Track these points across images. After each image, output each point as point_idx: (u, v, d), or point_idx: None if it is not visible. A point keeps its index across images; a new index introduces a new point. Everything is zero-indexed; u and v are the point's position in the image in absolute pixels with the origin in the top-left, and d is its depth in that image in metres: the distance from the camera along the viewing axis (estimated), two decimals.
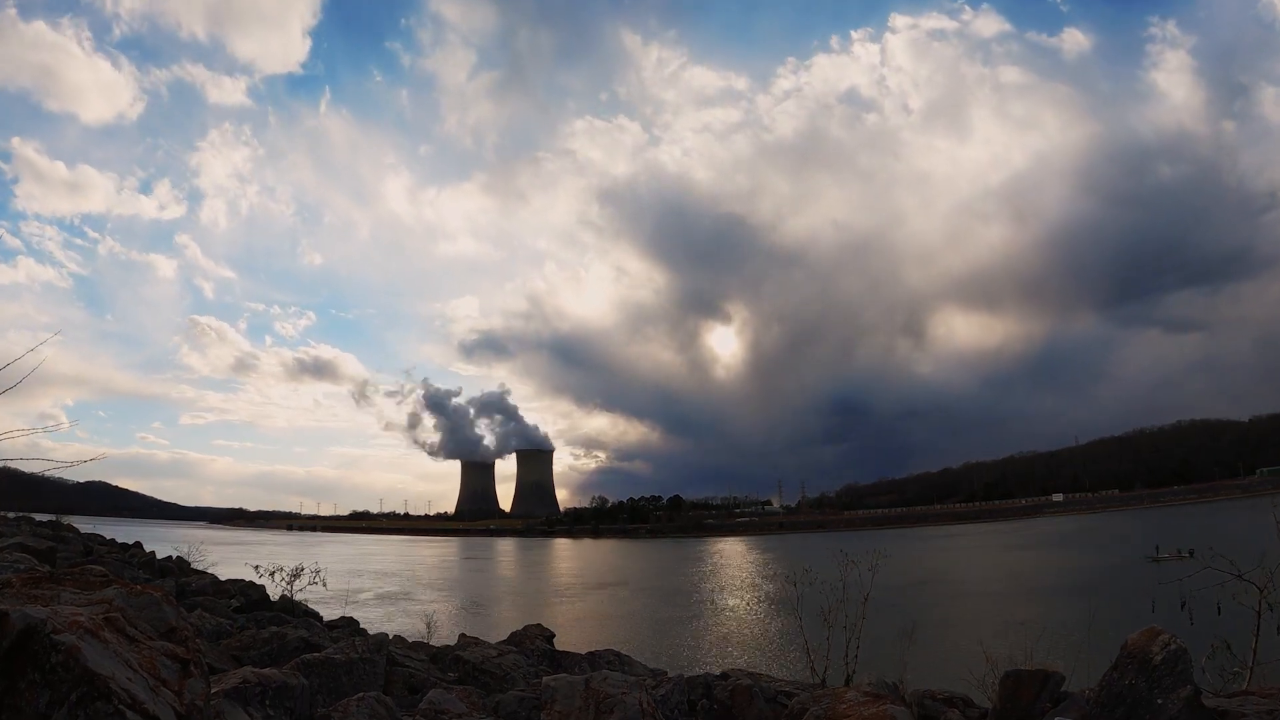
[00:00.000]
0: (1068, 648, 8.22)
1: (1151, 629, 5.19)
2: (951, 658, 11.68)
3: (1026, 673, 5.80)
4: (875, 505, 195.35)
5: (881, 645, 12.16)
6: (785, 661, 22.75)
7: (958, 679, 8.49)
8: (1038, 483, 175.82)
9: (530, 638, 11.74)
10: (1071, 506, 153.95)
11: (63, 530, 23.07)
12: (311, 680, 5.72)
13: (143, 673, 3.09)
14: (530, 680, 7.92)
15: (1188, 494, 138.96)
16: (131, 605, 3.56)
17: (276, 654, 7.74)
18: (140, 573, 15.42)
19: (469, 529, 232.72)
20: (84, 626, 3.05)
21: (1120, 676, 5.07)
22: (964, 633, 23.28)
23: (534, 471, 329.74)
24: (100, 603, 3.48)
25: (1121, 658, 5.15)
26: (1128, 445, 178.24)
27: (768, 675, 9.15)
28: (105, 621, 3.22)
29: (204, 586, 14.38)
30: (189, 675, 3.31)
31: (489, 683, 8.20)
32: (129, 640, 3.25)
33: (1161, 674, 4.85)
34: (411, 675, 7.80)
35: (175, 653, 3.36)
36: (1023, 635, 9.32)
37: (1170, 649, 4.94)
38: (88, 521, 55.71)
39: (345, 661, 6.59)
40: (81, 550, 17.93)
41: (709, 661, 24.55)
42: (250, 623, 10.36)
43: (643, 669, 10.71)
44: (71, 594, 3.59)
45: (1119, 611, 16.01)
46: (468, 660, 8.82)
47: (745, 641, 29.12)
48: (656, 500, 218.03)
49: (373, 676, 6.82)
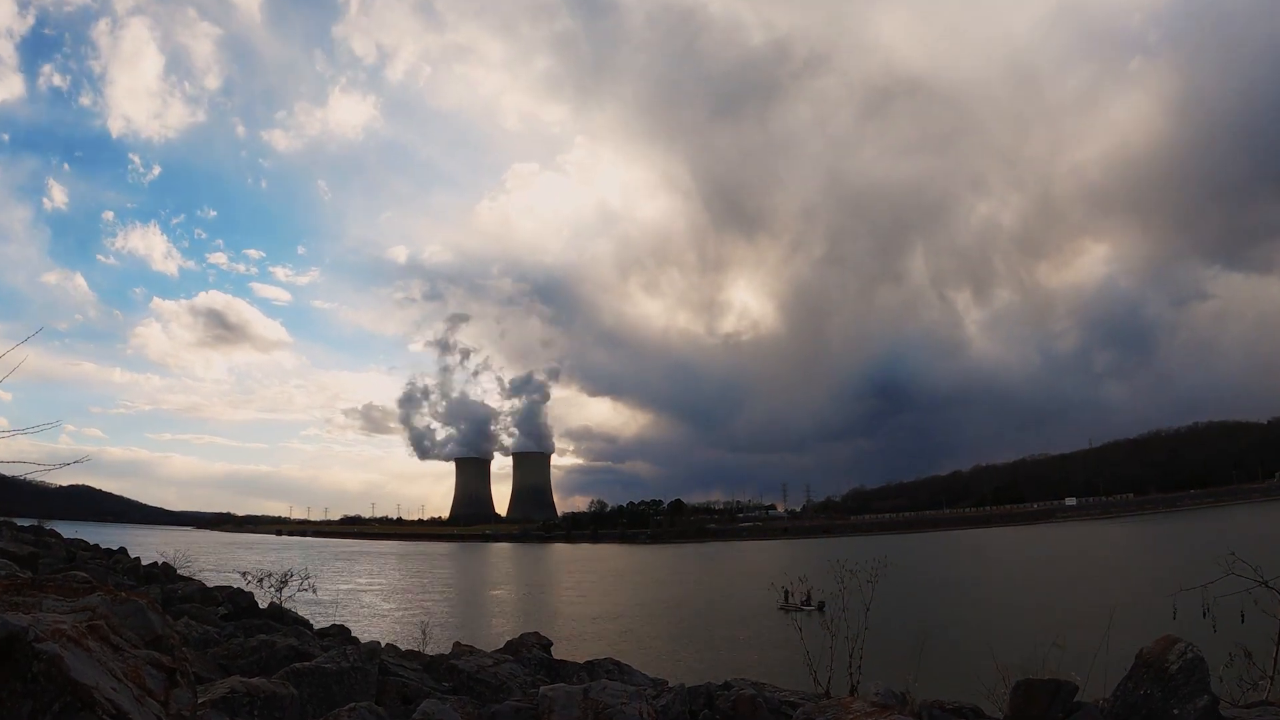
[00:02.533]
0: (1081, 656, 8.22)
1: (1167, 637, 5.20)
2: (960, 666, 11.67)
3: (1038, 682, 5.79)
4: (883, 509, 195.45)
5: (888, 653, 12.16)
6: (787, 670, 22.73)
7: (967, 688, 8.49)
8: (1050, 486, 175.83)
9: (527, 646, 11.74)
10: (1084, 511, 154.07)
11: (45, 535, 23.10)
12: (301, 690, 5.72)
13: (127, 682, 3.09)
14: (527, 690, 7.92)
15: (1204, 498, 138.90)
16: (116, 613, 3.55)
17: (265, 663, 7.74)
18: (125, 579, 15.43)
19: (464, 534, 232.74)
20: (67, 635, 3.04)
21: (1135, 686, 5.07)
22: (973, 640, 23.27)
23: (531, 474, 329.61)
24: (84, 610, 3.48)
25: (1137, 667, 5.15)
26: (1142, 448, 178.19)
27: (772, 685, 9.15)
28: (89, 630, 3.21)
29: (191, 593, 14.38)
30: (175, 685, 3.31)
31: (484, 693, 8.19)
32: (113, 649, 3.24)
33: (1178, 683, 4.85)
34: (405, 685, 7.79)
35: (161, 662, 3.36)
36: (1034, 643, 9.32)
37: (1187, 658, 4.94)
38: (70, 526, 55.72)
39: (336, 671, 6.59)
40: (64, 556, 17.95)
41: (711, 670, 24.55)
42: (238, 631, 10.36)
43: (643, 678, 10.71)
44: (54, 601, 3.59)
45: (1136, 618, 15.99)
46: (462, 669, 8.82)
47: (747, 649, 29.15)
48: (657, 504, 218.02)
49: (365, 686, 6.82)
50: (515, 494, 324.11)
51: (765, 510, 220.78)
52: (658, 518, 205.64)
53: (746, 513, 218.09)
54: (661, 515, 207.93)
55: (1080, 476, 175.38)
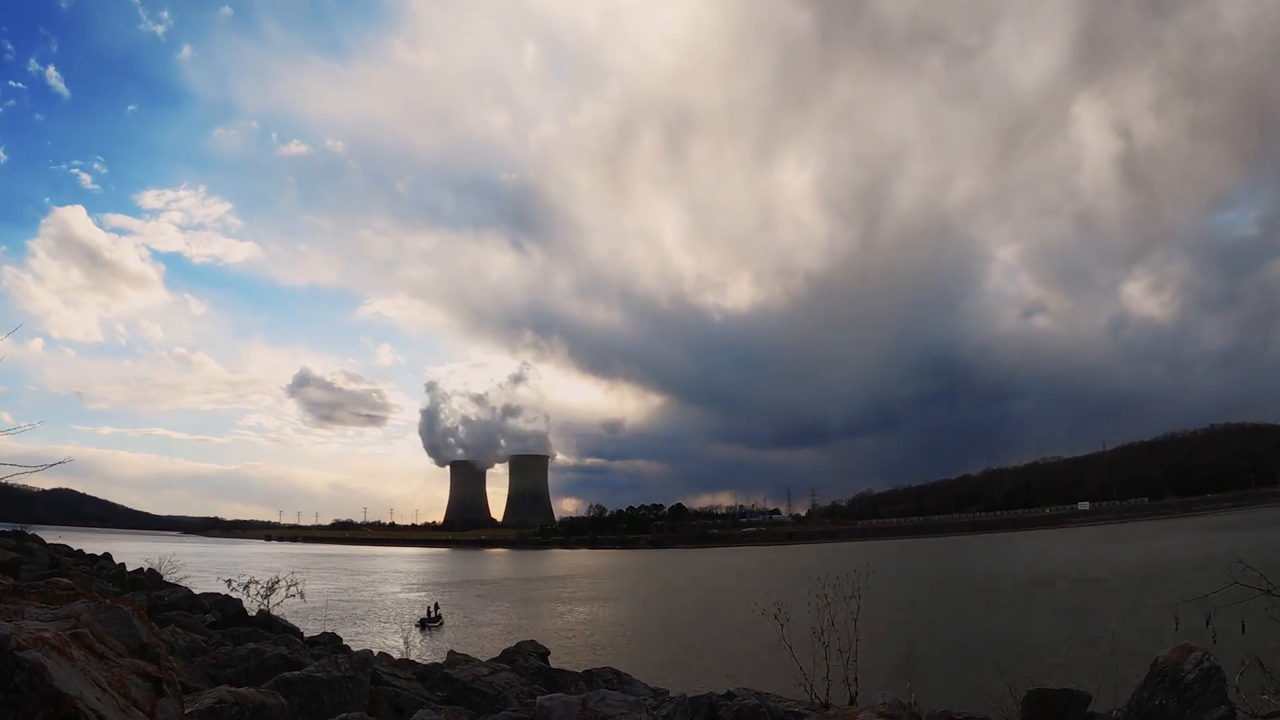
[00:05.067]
0: (1093, 665, 8.22)
1: (1183, 645, 5.20)
2: (968, 676, 11.70)
3: (1051, 692, 5.80)
4: (890, 514, 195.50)
5: (895, 662, 12.18)
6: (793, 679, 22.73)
7: (976, 698, 8.50)
8: (1063, 490, 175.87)
9: (523, 655, 11.75)
10: (1098, 516, 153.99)
11: (27, 541, 23.07)
12: (291, 700, 5.73)
13: (113, 692, 3.09)
14: (523, 700, 7.92)
15: (1222, 502, 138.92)
16: (101, 620, 3.55)
17: (254, 672, 7.74)
18: (110, 586, 15.44)
19: (459, 539, 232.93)
20: (50, 643, 3.05)
21: (1150, 696, 5.08)
22: (983, 649, 23.29)
23: (528, 478, 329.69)
24: (68, 618, 3.48)
25: (1151, 676, 5.16)
26: (1158, 450, 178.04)
27: (776, 695, 9.16)
28: (73, 638, 3.21)
29: (177, 600, 14.39)
30: (161, 695, 3.31)
31: (480, 703, 8.20)
32: (98, 658, 3.25)
33: (1194, 693, 4.86)
34: (398, 694, 7.80)
35: (147, 671, 3.36)
36: (1044, 652, 9.32)
37: (1203, 667, 4.95)
38: (53, 531, 55.61)
39: (327, 680, 6.60)
40: (47, 562, 17.93)
41: (713, 680, 24.54)
42: (226, 639, 10.37)
43: (643, 688, 10.73)
44: (37, 608, 3.59)
45: (1146, 627, 16.02)
46: (457, 679, 8.82)
47: (751, 659, 29.12)
48: (658, 509, 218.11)
49: (356, 696, 6.83)
50: (512, 498, 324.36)
51: (769, 515, 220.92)
52: (658, 522, 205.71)
53: (750, 517, 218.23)
54: (662, 520, 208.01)
55: (1094, 480, 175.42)
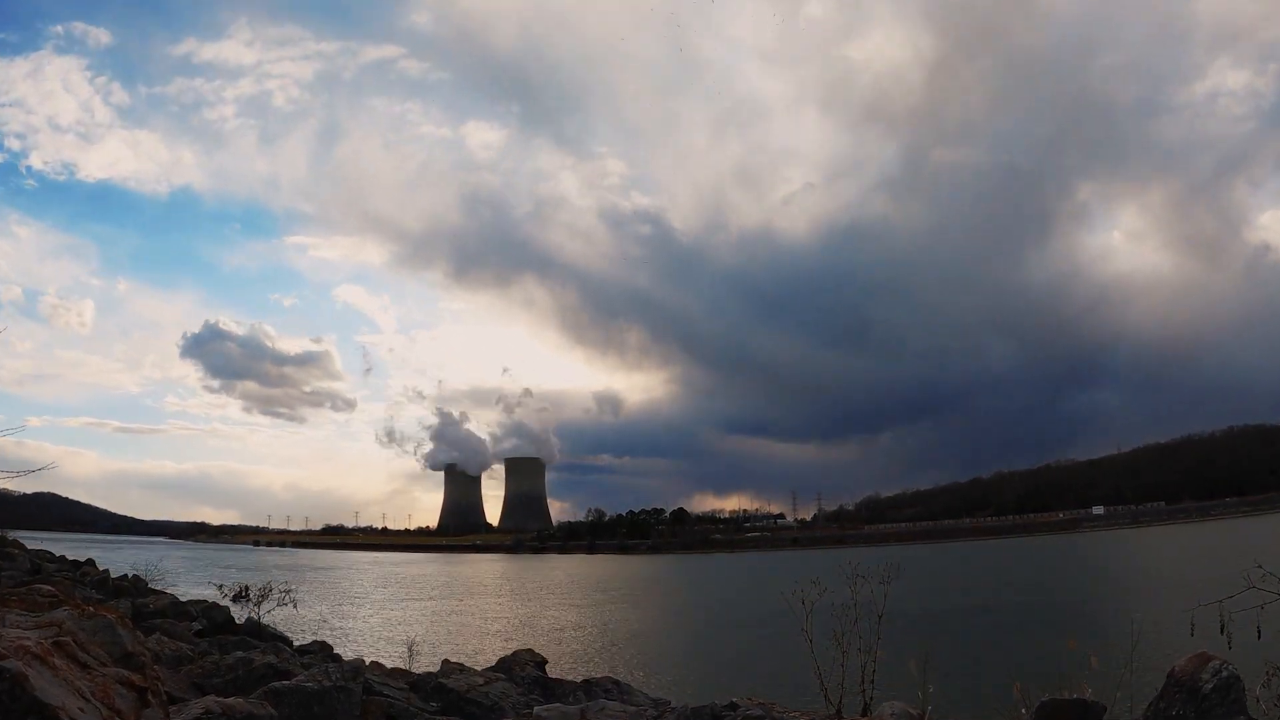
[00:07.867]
0: (1108, 675, 8.22)
1: (1201, 654, 5.20)
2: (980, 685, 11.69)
3: (1064, 702, 5.80)
4: (898, 519, 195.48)
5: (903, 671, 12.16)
6: (796, 688, 22.75)
7: (987, 709, 8.49)
8: (1076, 494, 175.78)
9: (520, 664, 11.76)
10: (1113, 520, 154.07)
11: (8, 546, 23.08)
12: (281, 711, 5.72)
13: (96, 702, 3.09)
14: (520, 711, 7.92)
15: (1240, 506, 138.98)
16: (84, 628, 3.55)
17: (242, 682, 7.74)
18: (93, 593, 15.46)
19: (453, 545, 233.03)
20: (31, 652, 3.04)
21: (1167, 706, 5.08)
22: (994, 658, 23.27)
23: (525, 481, 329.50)
24: (49, 626, 3.48)
25: (1168, 686, 5.16)
26: (1174, 453, 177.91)
27: (780, 705, 9.16)
28: (55, 646, 3.21)
29: (163, 607, 14.42)
30: (146, 705, 3.31)
31: (475, 713, 8.20)
32: (81, 667, 3.24)
33: (1212, 703, 4.85)
34: (390, 705, 7.80)
35: (131, 681, 3.36)
36: (1057, 661, 9.31)
37: (1222, 676, 4.94)
38: (35, 536, 55.73)
39: (318, 690, 6.59)
40: (29, 568, 17.96)
41: (715, 689, 24.55)
42: (214, 647, 10.38)
43: (644, 698, 10.73)
44: (18, 616, 3.59)
45: (1162, 634, 16.00)
46: (452, 689, 8.82)
47: (754, 667, 29.11)
48: (658, 513, 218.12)
49: (348, 706, 6.82)
50: (508, 502, 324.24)
51: (773, 519, 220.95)
52: (659, 527, 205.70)
53: (753, 522, 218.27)
54: (663, 525, 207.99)
55: (1109, 483, 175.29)
